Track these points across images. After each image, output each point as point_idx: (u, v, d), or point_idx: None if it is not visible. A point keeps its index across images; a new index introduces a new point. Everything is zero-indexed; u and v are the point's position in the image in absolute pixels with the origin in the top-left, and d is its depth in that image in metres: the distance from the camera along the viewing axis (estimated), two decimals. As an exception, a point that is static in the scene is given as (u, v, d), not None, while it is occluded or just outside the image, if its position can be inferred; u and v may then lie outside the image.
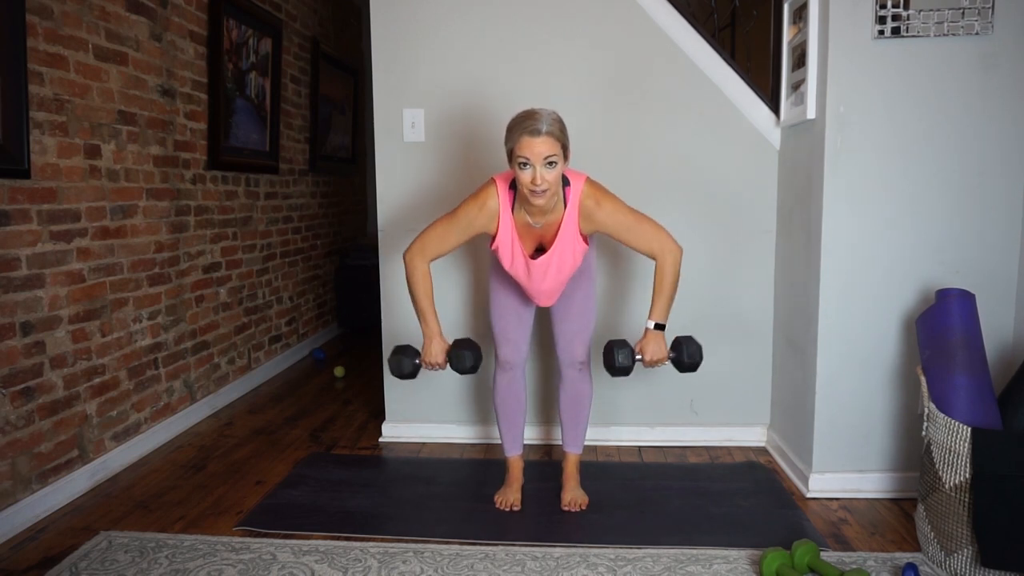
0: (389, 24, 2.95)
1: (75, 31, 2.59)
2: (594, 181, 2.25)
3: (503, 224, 2.24)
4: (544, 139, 2.04)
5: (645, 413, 3.07)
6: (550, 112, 2.10)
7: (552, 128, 2.05)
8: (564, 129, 2.11)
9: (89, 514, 2.46)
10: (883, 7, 2.32)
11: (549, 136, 2.04)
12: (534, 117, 2.06)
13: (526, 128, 2.04)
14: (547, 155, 2.04)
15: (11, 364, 2.33)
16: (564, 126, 2.11)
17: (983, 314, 2.31)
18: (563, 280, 2.33)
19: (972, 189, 2.39)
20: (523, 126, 2.06)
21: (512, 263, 2.28)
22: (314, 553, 2.16)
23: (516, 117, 2.12)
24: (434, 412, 3.15)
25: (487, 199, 2.22)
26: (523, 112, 2.12)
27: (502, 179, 2.25)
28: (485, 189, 2.25)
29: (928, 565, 2.09)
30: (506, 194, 2.23)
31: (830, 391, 2.51)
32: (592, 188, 2.22)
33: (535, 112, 2.08)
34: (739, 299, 2.99)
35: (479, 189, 2.27)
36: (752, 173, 2.93)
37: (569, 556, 2.14)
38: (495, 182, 2.25)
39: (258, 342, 4.13)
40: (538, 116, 2.06)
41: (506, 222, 2.24)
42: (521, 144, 2.05)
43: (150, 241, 3.07)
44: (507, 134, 2.11)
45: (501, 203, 2.22)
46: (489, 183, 2.26)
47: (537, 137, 2.03)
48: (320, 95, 5.03)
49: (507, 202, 2.23)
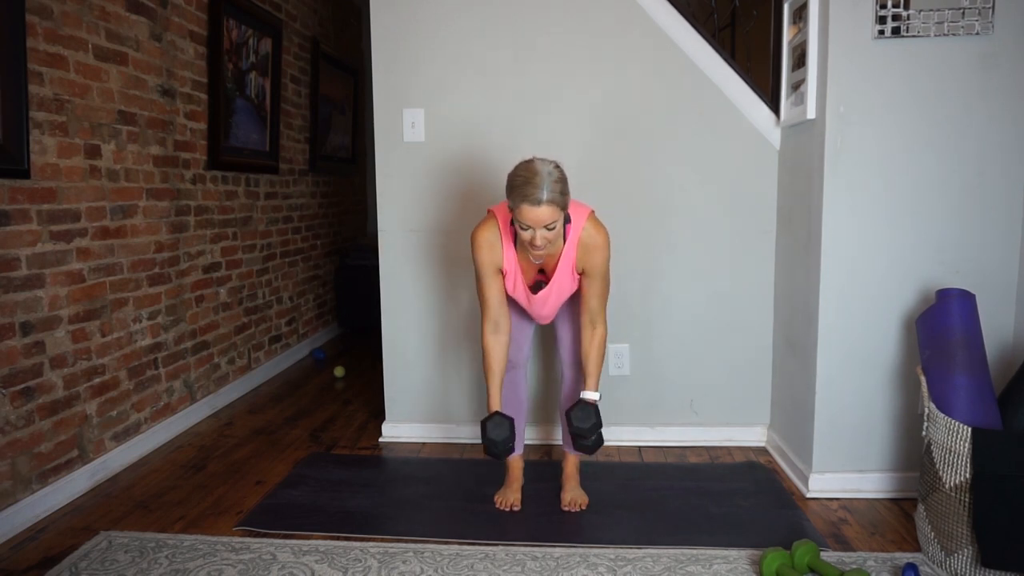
0: (389, 24, 2.95)
1: (75, 31, 2.59)
2: (597, 219, 2.26)
3: (507, 256, 2.28)
4: (544, 208, 2.03)
5: (645, 413, 3.07)
6: (550, 171, 2.06)
7: (553, 196, 2.03)
8: (565, 190, 2.08)
9: (89, 514, 2.46)
10: (883, 7, 2.32)
11: (550, 205, 2.03)
12: (534, 183, 2.03)
13: (527, 197, 2.03)
14: (547, 222, 2.05)
15: (11, 364, 2.33)
16: (565, 185, 2.09)
17: (983, 314, 2.31)
18: (560, 305, 2.39)
19: (972, 189, 2.39)
20: (523, 193, 2.03)
21: (514, 290, 2.34)
22: (314, 553, 2.16)
23: (517, 176, 2.08)
24: (434, 412, 3.15)
25: (488, 234, 2.25)
26: (523, 171, 2.07)
27: (500, 211, 2.27)
28: (485, 225, 2.27)
29: (928, 565, 2.09)
30: (506, 228, 2.26)
31: (830, 391, 2.51)
32: (594, 227, 2.23)
33: (535, 174, 2.04)
34: (739, 299, 2.99)
35: (479, 226, 2.28)
36: (752, 173, 2.93)
37: (569, 556, 2.14)
38: (494, 216, 2.27)
39: (258, 342, 4.13)
40: (538, 181, 2.03)
41: (509, 254, 2.28)
42: (522, 211, 2.05)
43: (150, 241, 3.07)
44: (508, 190, 2.09)
45: (503, 236, 2.26)
46: (488, 218, 2.28)
47: (537, 207, 2.03)
48: (320, 95, 5.03)
49: (508, 235, 2.26)
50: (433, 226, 3.04)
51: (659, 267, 2.99)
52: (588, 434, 2.25)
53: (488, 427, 2.26)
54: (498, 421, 2.27)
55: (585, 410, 2.26)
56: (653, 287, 3.00)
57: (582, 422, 2.24)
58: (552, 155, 2.40)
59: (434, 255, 3.06)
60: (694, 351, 3.03)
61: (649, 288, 3.00)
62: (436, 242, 3.05)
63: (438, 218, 3.03)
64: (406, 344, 3.12)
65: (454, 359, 3.12)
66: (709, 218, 2.96)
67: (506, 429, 2.26)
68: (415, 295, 3.09)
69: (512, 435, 2.28)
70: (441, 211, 3.03)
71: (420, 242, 3.06)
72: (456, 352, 3.11)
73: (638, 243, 2.96)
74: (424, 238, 3.05)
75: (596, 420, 2.25)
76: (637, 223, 2.96)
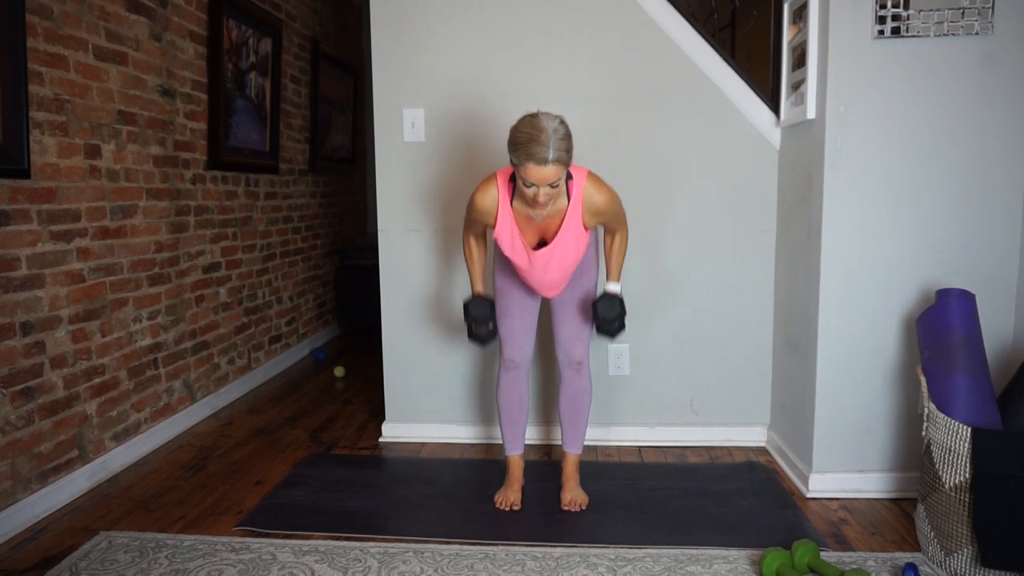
0: (389, 24, 2.95)
1: (75, 31, 2.59)
2: (595, 176, 2.26)
3: (502, 214, 2.26)
4: (551, 167, 2.02)
5: (645, 413, 3.07)
6: (556, 128, 2.03)
7: (559, 154, 2.02)
8: (570, 147, 2.07)
9: (89, 514, 2.46)
10: (883, 7, 2.32)
11: (556, 164, 2.02)
12: (540, 141, 2.00)
13: (532, 156, 2.00)
14: (553, 180, 2.05)
15: (11, 364, 2.33)
16: (570, 142, 2.07)
17: (983, 314, 2.31)
18: (567, 272, 2.35)
19: (972, 189, 2.39)
20: (529, 151, 2.01)
21: (512, 249, 2.30)
22: (314, 553, 2.16)
23: (522, 132, 2.04)
24: (434, 412, 3.15)
25: (487, 190, 2.26)
26: (529, 127, 2.03)
27: (502, 173, 2.28)
28: (484, 189, 2.27)
29: (928, 565, 2.09)
30: (505, 186, 2.25)
31: (830, 391, 2.51)
32: (595, 185, 2.23)
33: (541, 131, 2.01)
34: (739, 299, 2.99)
35: (478, 188, 2.28)
36: (752, 173, 2.93)
37: (569, 556, 2.14)
38: (495, 177, 2.27)
39: (258, 342, 4.13)
40: (544, 139, 2.00)
41: (505, 213, 2.26)
42: (527, 169, 2.03)
43: (150, 241, 3.07)
44: (512, 146, 2.07)
45: (500, 195, 2.25)
46: (490, 179, 2.28)
47: (544, 166, 2.02)
48: (320, 95, 5.03)
49: (506, 194, 2.25)
50: (433, 226, 3.04)
51: (659, 267, 2.99)
52: (613, 321, 2.34)
53: (471, 307, 2.38)
54: (479, 301, 2.40)
55: (610, 301, 2.35)
56: (653, 287, 3.00)
57: (607, 312, 2.34)
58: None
59: (434, 255, 3.06)
60: (694, 351, 3.03)
61: (649, 288, 3.00)
62: (436, 242, 3.05)
63: (438, 218, 3.03)
64: (406, 344, 3.12)
65: (454, 359, 3.12)
66: (709, 218, 2.96)
67: (487, 309, 2.38)
68: (415, 295, 3.09)
69: (493, 315, 2.40)
70: (441, 211, 3.03)
71: (420, 242, 3.06)
72: (456, 352, 3.11)
73: (638, 243, 2.96)
74: (424, 238, 3.05)
75: (620, 310, 2.35)
76: (637, 223, 2.95)
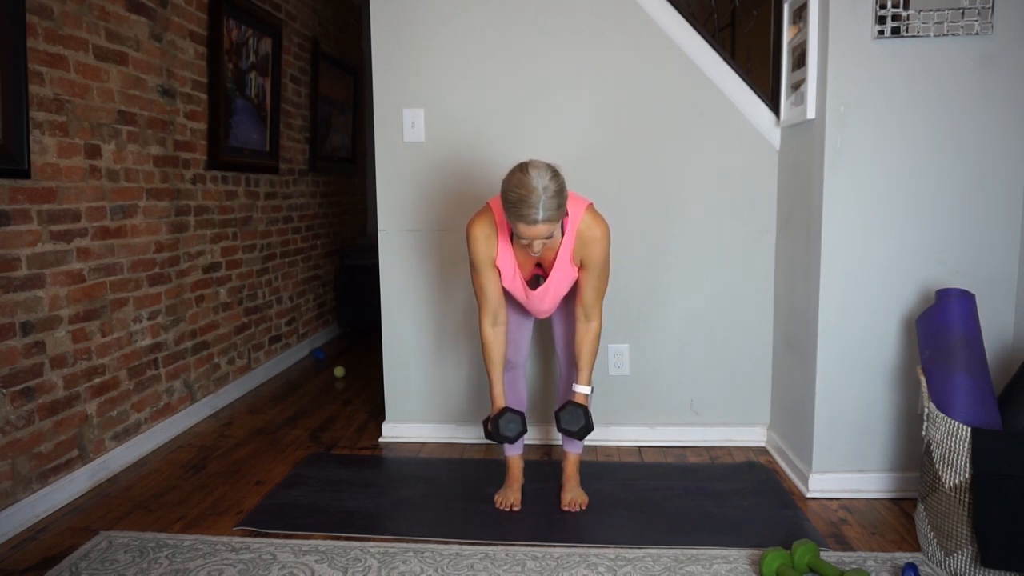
0: (389, 24, 2.95)
1: (75, 31, 2.59)
2: (596, 212, 2.25)
3: (502, 248, 2.27)
4: (541, 227, 2.02)
5: (645, 413, 3.07)
6: (546, 186, 2.00)
7: (549, 214, 2.01)
8: (562, 203, 2.05)
9: (89, 514, 2.46)
10: (883, 7, 2.32)
11: (546, 223, 2.02)
12: (530, 203, 1.99)
13: (523, 217, 2.01)
14: (544, 236, 2.05)
15: (11, 364, 2.33)
16: (562, 198, 2.04)
17: (983, 314, 2.31)
18: (559, 299, 2.38)
19: (972, 189, 2.39)
20: (519, 213, 2.01)
21: (512, 283, 2.32)
22: (314, 553, 2.16)
23: (511, 192, 2.02)
24: (434, 412, 3.15)
25: (484, 227, 2.24)
26: (518, 186, 2.01)
27: (497, 204, 2.25)
28: (481, 218, 2.25)
29: (928, 565, 2.09)
30: (503, 222, 2.24)
31: (830, 391, 2.51)
32: (592, 218, 2.22)
33: (531, 192, 1.99)
34: (739, 299, 2.99)
35: (474, 219, 2.26)
36: (752, 173, 2.93)
37: (569, 556, 2.14)
38: (490, 208, 2.26)
39: (258, 342, 4.13)
40: (534, 200, 1.98)
41: (504, 247, 2.27)
42: (519, 228, 2.05)
43: (150, 241, 3.07)
44: (503, 204, 2.06)
45: (499, 230, 2.25)
46: (484, 210, 2.27)
47: (534, 227, 2.02)
48: (320, 95, 5.03)
49: (504, 229, 2.25)
50: (433, 226, 3.04)
51: (659, 267, 2.99)
52: (576, 433, 2.34)
53: (501, 424, 2.32)
54: (510, 417, 2.34)
55: (574, 412, 2.32)
56: (653, 287, 3.00)
57: (570, 424, 2.33)
58: (551, 156, 2.41)
59: (434, 255, 3.06)
60: (694, 351, 3.03)
61: (649, 288, 3.00)
62: (436, 242, 3.05)
63: (438, 218, 3.03)
64: (406, 344, 3.12)
65: (454, 359, 3.12)
66: (709, 218, 2.96)
67: (519, 424, 2.34)
68: (415, 295, 3.09)
69: (525, 428, 2.35)
70: (441, 211, 3.03)
71: (420, 242, 3.06)
72: (456, 352, 3.11)
73: (637, 243, 2.96)
74: (424, 238, 3.05)
75: (585, 423, 2.32)
76: (636, 223, 2.96)
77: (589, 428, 2.33)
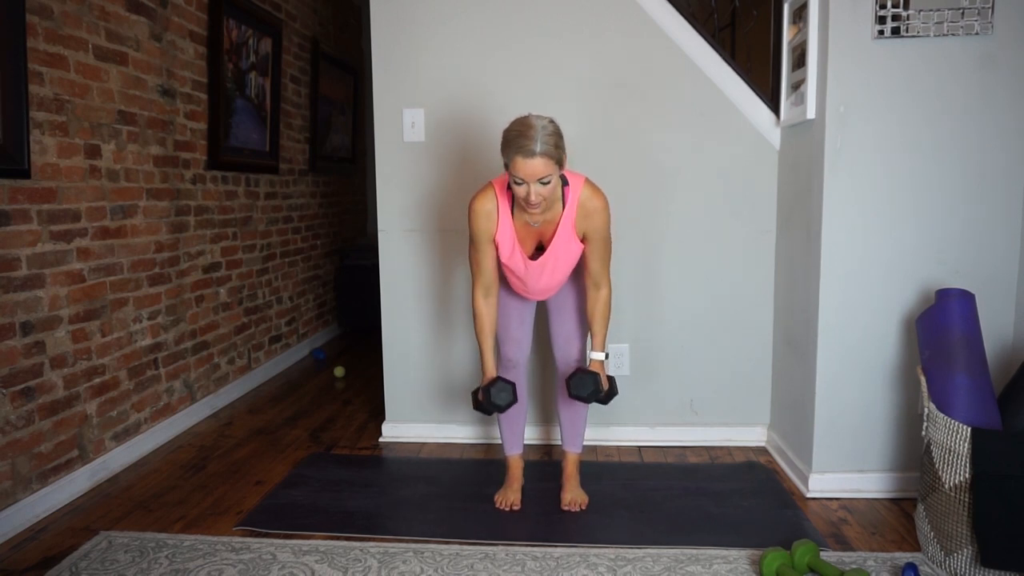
0: (389, 24, 2.95)
1: (75, 31, 2.59)
2: (593, 183, 2.26)
3: (502, 224, 2.26)
4: (538, 160, 2.02)
5: (645, 413, 3.07)
6: (544, 125, 2.05)
7: (546, 148, 2.02)
8: (560, 144, 2.07)
9: (89, 514, 2.46)
10: (883, 7, 2.32)
11: (543, 156, 2.02)
12: (528, 135, 2.02)
13: (520, 148, 2.02)
14: (541, 175, 2.04)
15: (11, 364, 2.33)
16: (560, 139, 2.08)
17: (983, 314, 2.31)
18: (559, 279, 2.35)
19: (972, 189, 2.39)
20: (517, 145, 2.03)
21: (511, 256, 2.30)
22: (314, 553, 2.16)
23: (511, 130, 2.08)
24: (434, 412, 3.15)
25: (485, 204, 2.24)
26: (518, 125, 2.07)
27: (499, 182, 2.27)
28: (483, 194, 2.26)
29: (928, 565, 2.09)
30: (504, 195, 2.25)
31: (830, 391, 2.51)
32: (591, 190, 2.23)
33: (530, 127, 2.03)
34: (739, 299, 2.99)
35: (477, 195, 2.27)
36: (752, 173, 2.93)
37: (569, 556, 2.14)
38: (492, 185, 2.27)
39: (258, 342, 4.13)
40: (532, 134, 2.02)
41: (505, 222, 2.26)
42: (515, 164, 2.04)
43: (150, 241, 3.07)
44: (503, 146, 2.09)
45: (500, 205, 2.25)
46: (487, 187, 2.28)
47: (531, 158, 2.02)
48: (320, 95, 5.03)
49: (506, 204, 2.25)
50: (433, 226, 3.04)
51: (659, 267, 2.99)
52: (587, 400, 2.32)
53: (492, 392, 2.28)
54: (501, 386, 2.29)
55: (583, 379, 2.30)
56: (653, 287, 3.00)
57: (579, 390, 2.31)
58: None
59: (434, 255, 3.06)
60: (694, 351, 3.03)
61: (649, 288, 3.00)
62: (436, 242, 3.05)
63: (438, 218, 3.03)
64: (406, 344, 3.12)
65: (454, 359, 3.12)
66: (709, 218, 2.96)
67: (510, 393, 2.29)
68: (415, 295, 3.09)
69: (516, 398, 2.31)
70: (441, 211, 3.03)
71: (420, 242, 3.06)
72: (456, 352, 3.11)
73: (637, 243, 2.96)
74: (424, 238, 3.05)
75: (594, 387, 2.30)
76: (636, 223, 2.96)
77: (601, 391, 2.30)
